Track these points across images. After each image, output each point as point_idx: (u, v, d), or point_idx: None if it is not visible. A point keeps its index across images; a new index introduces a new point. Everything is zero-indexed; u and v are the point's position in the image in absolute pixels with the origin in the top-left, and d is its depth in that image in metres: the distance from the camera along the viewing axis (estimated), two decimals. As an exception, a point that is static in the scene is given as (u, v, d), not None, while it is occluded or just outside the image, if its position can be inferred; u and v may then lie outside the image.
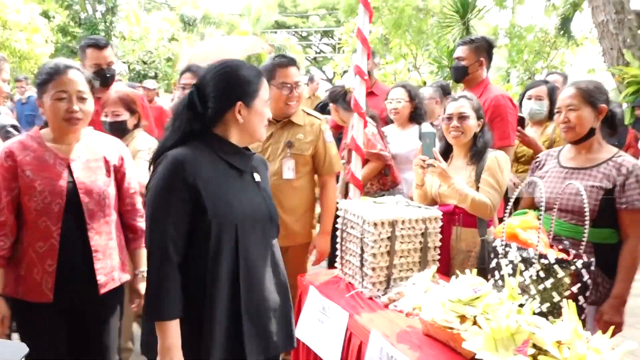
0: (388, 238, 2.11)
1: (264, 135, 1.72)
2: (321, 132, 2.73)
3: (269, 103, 1.69)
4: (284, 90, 2.61)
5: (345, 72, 15.42)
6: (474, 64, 3.16)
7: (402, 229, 2.13)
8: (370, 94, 3.91)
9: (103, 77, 3.08)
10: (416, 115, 3.62)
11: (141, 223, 2.21)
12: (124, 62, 16.87)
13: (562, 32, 11.89)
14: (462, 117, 2.38)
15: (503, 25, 13.84)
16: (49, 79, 1.94)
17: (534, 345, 1.39)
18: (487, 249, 2.19)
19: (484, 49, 3.21)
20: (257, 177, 1.73)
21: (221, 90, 1.62)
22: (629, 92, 6.64)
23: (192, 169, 1.54)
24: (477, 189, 2.35)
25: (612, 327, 1.54)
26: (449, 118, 2.41)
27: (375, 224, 2.07)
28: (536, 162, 2.38)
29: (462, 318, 1.67)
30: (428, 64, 12.12)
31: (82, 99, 1.98)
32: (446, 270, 2.34)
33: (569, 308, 1.43)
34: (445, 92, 4.54)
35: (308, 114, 2.80)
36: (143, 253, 2.02)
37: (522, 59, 14.32)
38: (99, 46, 3.06)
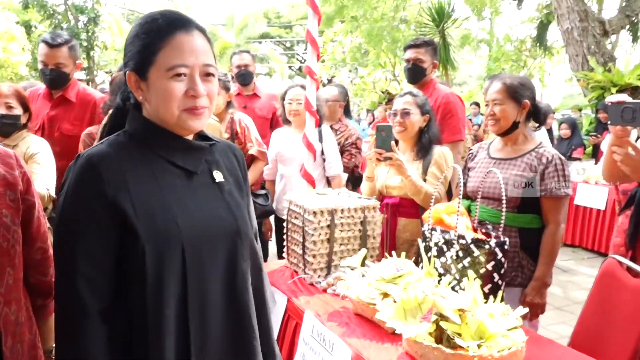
0: (327, 226, 2.22)
1: (187, 124, 1.12)
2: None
3: (181, 72, 1.08)
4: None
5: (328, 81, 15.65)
6: (430, 66, 3.30)
7: (341, 217, 2.24)
8: (253, 95, 4.02)
9: (44, 77, 2.91)
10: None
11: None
12: (106, 72, 16.94)
13: (537, 42, 12.18)
14: (405, 113, 2.50)
15: (479, 35, 14.16)
16: None
17: (440, 314, 1.50)
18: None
19: (436, 51, 3.36)
20: (217, 176, 1.20)
21: (124, 50, 1.17)
22: (593, 97, 6.86)
23: (112, 175, 1.06)
24: (424, 181, 2.47)
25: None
26: (395, 114, 2.53)
27: (314, 213, 2.18)
28: (469, 154, 2.51)
29: (385, 295, 1.78)
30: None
31: None
32: (392, 258, 2.45)
33: (469, 280, 1.54)
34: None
35: None
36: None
37: (500, 67, 14.65)
38: (50, 44, 2.83)
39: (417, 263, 2.01)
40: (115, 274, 1.08)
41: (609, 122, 1.70)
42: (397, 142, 2.64)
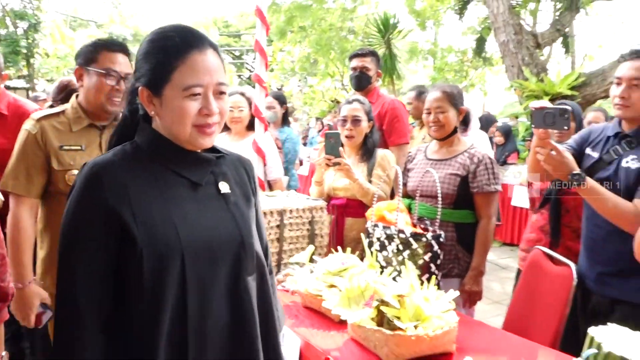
0: (277, 226, 2.33)
1: (198, 141, 1.13)
2: None
3: (196, 93, 1.09)
4: (109, 80, 1.91)
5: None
6: (374, 75, 3.47)
7: (290, 217, 2.35)
8: None
9: None
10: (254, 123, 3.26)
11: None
12: (47, 80, 16.40)
13: (477, 53, 12.70)
14: (355, 121, 2.62)
15: (423, 46, 14.63)
16: None
17: (381, 300, 1.63)
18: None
19: (379, 61, 3.54)
20: (223, 187, 1.20)
21: (135, 64, 1.19)
22: (528, 105, 7.25)
23: (113, 183, 1.06)
24: (370, 182, 2.61)
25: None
26: (344, 120, 2.66)
27: (265, 213, 2.28)
28: (409, 156, 2.68)
29: (331, 286, 1.90)
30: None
31: None
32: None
33: (407, 269, 1.69)
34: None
35: None
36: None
37: (444, 77, 15.19)
38: None
39: (362, 258, 2.14)
40: (114, 284, 1.07)
41: (532, 126, 1.85)
42: (342, 146, 2.78)
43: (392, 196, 2.79)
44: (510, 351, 1.67)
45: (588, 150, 2.00)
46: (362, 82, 3.42)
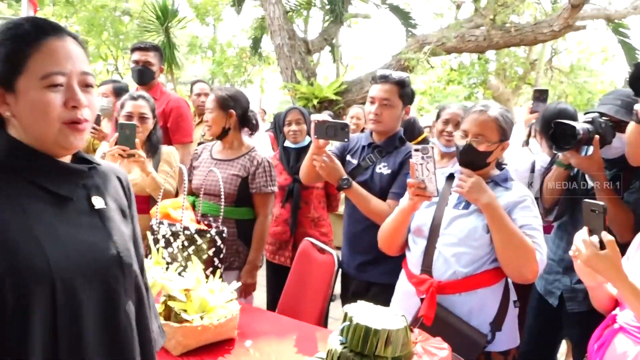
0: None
1: (68, 140, 0.98)
2: None
3: (57, 82, 0.96)
4: None
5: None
6: (158, 70, 3.44)
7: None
8: None
9: None
10: None
11: None
12: None
13: (254, 51, 13.21)
14: (142, 118, 2.56)
15: (203, 40, 14.62)
16: None
17: (168, 295, 1.72)
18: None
19: (162, 56, 3.53)
20: (97, 202, 1.06)
21: None
22: (301, 105, 7.92)
23: None
24: None
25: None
26: (129, 116, 2.58)
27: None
28: (195, 154, 2.78)
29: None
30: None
31: None
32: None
33: (193, 264, 1.81)
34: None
35: None
36: None
37: (223, 71, 15.39)
38: None
39: (147, 255, 2.17)
40: None
41: (314, 136, 2.07)
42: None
43: (176, 194, 2.85)
44: (283, 331, 1.92)
45: (348, 157, 2.38)
46: (144, 76, 3.37)
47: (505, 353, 1.78)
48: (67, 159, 1.04)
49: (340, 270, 2.41)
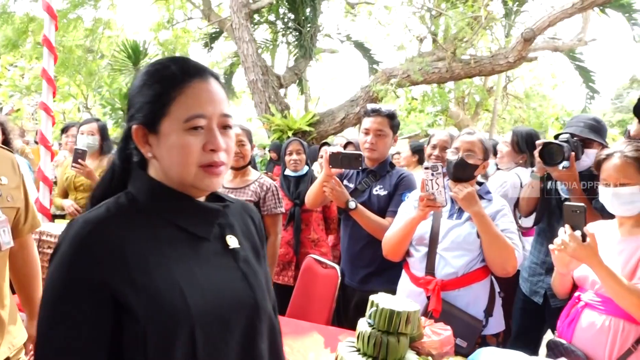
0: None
1: (204, 183, 0.98)
2: (21, 174, 1.82)
3: (199, 125, 0.96)
4: None
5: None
6: None
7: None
8: None
9: None
10: None
11: None
12: None
13: (227, 87, 13.57)
14: None
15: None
16: None
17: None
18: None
19: None
20: (232, 242, 1.06)
21: (127, 103, 1.04)
22: (275, 137, 8.26)
23: (107, 248, 0.90)
24: None
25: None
26: None
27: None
28: None
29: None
30: (100, 105, 12.16)
31: None
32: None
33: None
34: None
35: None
36: None
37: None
38: None
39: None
40: None
41: (329, 166, 2.37)
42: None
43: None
44: (302, 330, 2.20)
45: (345, 182, 2.70)
46: None
47: (496, 335, 2.13)
48: (202, 197, 1.05)
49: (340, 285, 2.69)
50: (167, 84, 0.96)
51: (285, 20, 10.07)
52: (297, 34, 9.68)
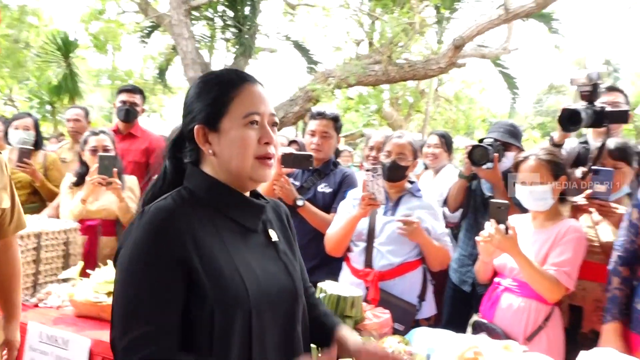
0: (34, 248, 2.46)
1: (258, 173, 1.12)
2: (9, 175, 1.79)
3: (255, 120, 1.10)
4: None
5: None
6: (141, 110, 3.79)
7: (46, 239, 2.50)
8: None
9: None
10: None
11: None
12: None
13: (159, 81, 13.30)
14: (105, 151, 2.88)
15: (101, 67, 14.41)
16: None
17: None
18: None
19: (145, 99, 3.89)
20: (273, 235, 1.20)
21: (184, 110, 1.17)
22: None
23: (181, 230, 1.03)
24: None
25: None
26: (94, 150, 2.89)
27: (22, 237, 2.39)
28: None
29: (109, 294, 2.23)
30: (27, 98, 11.63)
31: None
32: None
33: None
34: None
35: None
36: None
37: (123, 100, 15.18)
38: None
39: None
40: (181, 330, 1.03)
41: (281, 165, 2.48)
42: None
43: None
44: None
45: (292, 180, 2.85)
46: (130, 115, 3.69)
47: (428, 319, 2.37)
48: (247, 194, 1.17)
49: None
50: (225, 87, 1.11)
51: (224, 17, 10.05)
52: (237, 31, 9.70)
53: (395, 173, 2.37)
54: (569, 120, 2.34)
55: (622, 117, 2.42)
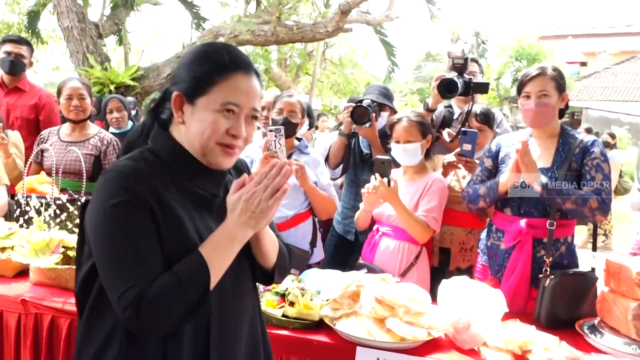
0: None
1: (217, 159, 1.14)
2: None
3: (232, 109, 1.12)
4: None
5: None
6: (29, 64, 3.57)
7: None
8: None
9: None
10: None
11: None
12: None
13: (29, 30, 12.12)
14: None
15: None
16: None
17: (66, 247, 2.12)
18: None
19: (33, 50, 3.64)
20: None
21: (176, 69, 1.19)
22: (95, 91, 7.84)
23: (148, 186, 1.06)
24: None
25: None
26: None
27: None
28: (41, 138, 3.02)
29: (3, 249, 2.21)
30: None
31: None
32: None
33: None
34: None
35: None
36: None
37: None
38: None
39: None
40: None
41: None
42: None
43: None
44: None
45: None
46: (16, 67, 3.47)
47: (318, 263, 2.64)
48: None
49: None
50: (214, 68, 1.11)
51: (103, -36, 9.37)
52: (117, -20, 9.12)
53: (287, 130, 2.56)
54: (446, 88, 2.68)
55: (484, 88, 2.85)
